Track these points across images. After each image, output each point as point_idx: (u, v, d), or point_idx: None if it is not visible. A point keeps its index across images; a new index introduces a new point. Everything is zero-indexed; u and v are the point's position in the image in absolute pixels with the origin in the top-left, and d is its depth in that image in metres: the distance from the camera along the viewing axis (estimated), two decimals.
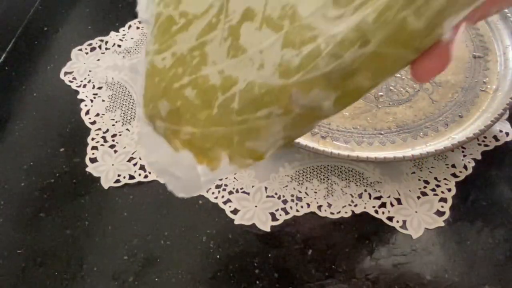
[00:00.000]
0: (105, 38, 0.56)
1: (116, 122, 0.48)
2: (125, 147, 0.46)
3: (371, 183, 0.43)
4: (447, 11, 0.17)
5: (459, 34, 0.18)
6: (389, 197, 0.42)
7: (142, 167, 0.44)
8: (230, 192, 0.42)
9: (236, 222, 0.41)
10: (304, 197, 0.42)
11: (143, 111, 0.23)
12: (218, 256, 0.39)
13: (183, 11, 0.22)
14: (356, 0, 0.18)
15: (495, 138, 0.46)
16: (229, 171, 0.22)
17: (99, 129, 0.47)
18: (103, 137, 0.47)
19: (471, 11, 0.18)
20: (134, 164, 0.44)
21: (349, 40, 0.18)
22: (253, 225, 0.40)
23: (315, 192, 0.42)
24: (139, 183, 0.43)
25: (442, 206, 0.41)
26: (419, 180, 0.43)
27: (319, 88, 0.19)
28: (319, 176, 0.43)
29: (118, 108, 0.49)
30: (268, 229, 0.40)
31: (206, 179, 0.23)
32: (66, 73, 0.52)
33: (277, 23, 0.20)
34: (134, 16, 0.57)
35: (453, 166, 0.44)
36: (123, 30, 0.56)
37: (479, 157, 0.44)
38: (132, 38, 0.56)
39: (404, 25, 0.17)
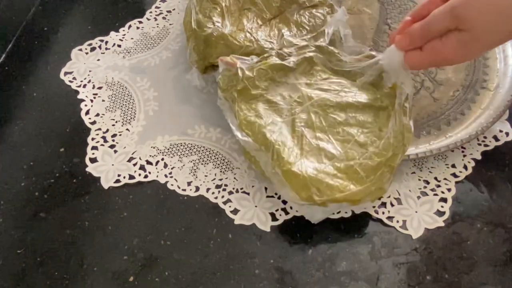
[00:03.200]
0: (105, 38, 0.56)
1: (116, 122, 0.48)
2: (125, 147, 0.46)
3: None
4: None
5: None
6: (389, 197, 0.42)
7: (142, 167, 0.44)
8: (230, 192, 0.42)
9: (236, 222, 0.41)
10: None
11: (297, 197, 0.37)
12: (218, 256, 0.39)
13: (282, 141, 0.40)
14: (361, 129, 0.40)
15: (495, 138, 0.46)
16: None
17: (99, 129, 0.47)
18: (103, 137, 0.47)
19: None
20: (134, 164, 0.44)
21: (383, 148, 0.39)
22: (253, 225, 0.41)
23: None
24: (139, 183, 0.43)
25: (442, 206, 0.41)
26: (419, 180, 0.43)
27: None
28: None
29: (118, 108, 0.49)
30: (268, 229, 0.40)
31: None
32: (66, 73, 0.52)
33: (347, 138, 0.40)
34: (134, 16, 0.58)
35: (453, 166, 0.44)
36: (123, 30, 0.56)
37: (479, 157, 0.44)
38: (132, 38, 0.55)
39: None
